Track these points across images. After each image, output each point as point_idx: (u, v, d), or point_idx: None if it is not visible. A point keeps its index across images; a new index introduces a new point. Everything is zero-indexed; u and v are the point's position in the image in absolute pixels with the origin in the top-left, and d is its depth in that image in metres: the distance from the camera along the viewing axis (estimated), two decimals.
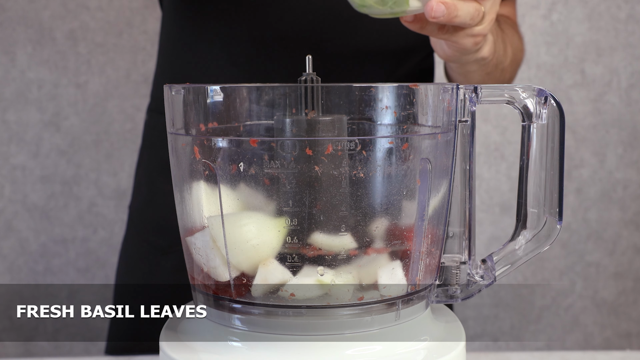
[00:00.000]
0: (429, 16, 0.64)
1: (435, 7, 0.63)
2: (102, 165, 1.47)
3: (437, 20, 0.64)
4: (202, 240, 0.55)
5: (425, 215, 0.55)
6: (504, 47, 0.87)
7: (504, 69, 0.89)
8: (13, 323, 1.51)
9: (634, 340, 1.67)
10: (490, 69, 0.84)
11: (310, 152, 0.50)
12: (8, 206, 1.47)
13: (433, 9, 0.63)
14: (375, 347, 0.53)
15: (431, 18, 0.64)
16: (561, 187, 0.58)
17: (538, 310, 1.64)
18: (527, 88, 0.58)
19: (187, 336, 0.56)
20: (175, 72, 0.95)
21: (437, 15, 0.64)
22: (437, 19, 0.64)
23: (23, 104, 1.44)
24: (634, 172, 1.60)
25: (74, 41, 1.44)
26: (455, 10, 0.64)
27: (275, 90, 0.52)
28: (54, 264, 1.49)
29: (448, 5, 0.64)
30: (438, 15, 0.64)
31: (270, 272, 0.52)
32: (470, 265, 0.60)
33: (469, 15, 0.66)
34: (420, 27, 0.69)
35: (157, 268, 0.95)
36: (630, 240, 1.62)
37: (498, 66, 0.86)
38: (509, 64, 0.91)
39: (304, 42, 0.87)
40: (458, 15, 0.65)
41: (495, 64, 0.85)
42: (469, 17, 0.66)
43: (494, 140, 1.57)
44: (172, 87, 0.55)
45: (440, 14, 0.64)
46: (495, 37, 0.82)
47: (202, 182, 0.54)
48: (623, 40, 1.55)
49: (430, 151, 0.54)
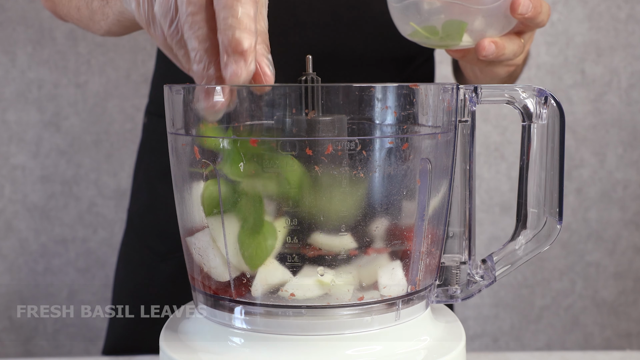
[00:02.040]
0: (480, 54, 0.67)
1: (487, 47, 0.67)
2: (102, 165, 1.47)
3: (486, 58, 0.68)
4: (202, 240, 0.55)
5: (425, 215, 0.55)
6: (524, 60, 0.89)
7: (516, 76, 0.91)
8: (13, 323, 1.51)
9: (634, 340, 1.67)
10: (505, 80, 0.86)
11: (310, 152, 0.50)
12: (8, 206, 1.47)
13: (485, 49, 0.67)
14: (375, 347, 0.53)
15: (481, 56, 0.67)
16: (561, 187, 0.58)
17: (538, 310, 1.64)
18: (527, 88, 0.58)
19: (187, 336, 0.56)
20: (174, 73, 0.94)
21: (487, 54, 0.67)
22: (487, 58, 0.67)
23: (23, 104, 1.44)
24: (634, 172, 1.60)
25: (74, 41, 1.44)
26: (503, 49, 0.68)
27: (275, 90, 0.52)
28: (54, 264, 1.49)
29: (498, 45, 0.67)
30: (489, 54, 0.67)
31: (270, 272, 0.52)
32: (470, 265, 0.60)
33: (513, 52, 0.70)
34: (462, 56, 0.73)
35: (156, 273, 0.95)
36: (630, 240, 1.62)
37: (512, 75, 0.88)
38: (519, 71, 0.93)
39: (305, 45, 0.87)
40: (505, 54, 0.69)
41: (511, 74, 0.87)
42: (513, 54, 0.70)
43: (494, 140, 1.57)
44: (172, 87, 0.55)
45: (491, 53, 0.67)
46: None
47: (202, 182, 0.54)
48: (623, 40, 1.55)
49: (430, 151, 0.54)
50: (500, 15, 0.67)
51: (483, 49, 0.67)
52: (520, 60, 0.75)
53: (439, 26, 0.68)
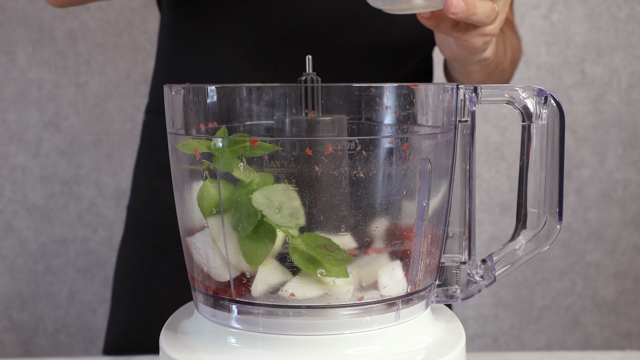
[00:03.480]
0: (449, 12, 0.65)
1: (455, 4, 0.65)
2: (102, 165, 1.47)
3: (456, 16, 0.65)
4: (202, 240, 0.55)
5: (425, 215, 0.55)
6: (504, 48, 0.88)
7: (503, 69, 0.90)
8: (13, 323, 1.51)
9: (634, 340, 1.67)
10: (491, 70, 0.85)
11: (310, 152, 0.50)
12: (8, 206, 1.47)
13: (453, 5, 0.65)
14: (375, 347, 0.53)
15: (451, 14, 0.65)
16: (561, 187, 0.58)
17: (538, 310, 1.64)
18: (527, 88, 0.58)
19: (187, 336, 0.56)
20: (174, 72, 0.95)
21: (456, 11, 0.65)
22: (456, 15, 0.65)
23: (23, 104, 1.44)
24: (634, 172, 1.60)
25: (74, 41, 1.44)
26: (473, 7, 0.66)
27: (275, 90, 0.52)
28: (54, 264, 1.49)
29: (467, 3, 0.65)
30: (458, 12, 0.65)
31: (270, 272, 0.52)
32: (470, 265, 0.60)
33: (485, 14, 0.68)
34: (435, 24, 0.71)
35: (157, 269, 0.95)
36: (630, 240, 1.62)
37: (498, 67, 0.87)
38: (508, 65, 0.91)
39: (304, 41, 0.87)
40: (476, 13, 0.66)
41: (496, 64, 0.85)
42: (485, 15, 0.68)
43: (494, 140, 1.57)
44: (172, 87, 0.55)
45: (460, 11, 0.65)
46: (497, 38, 0.82)
47: (202, 182, 0.54)
48: (623, 40, 1.55)
49: (430, 151, 0.54)
50: None
51: (451, 5, 0.65)
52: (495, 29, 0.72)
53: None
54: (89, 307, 1.51)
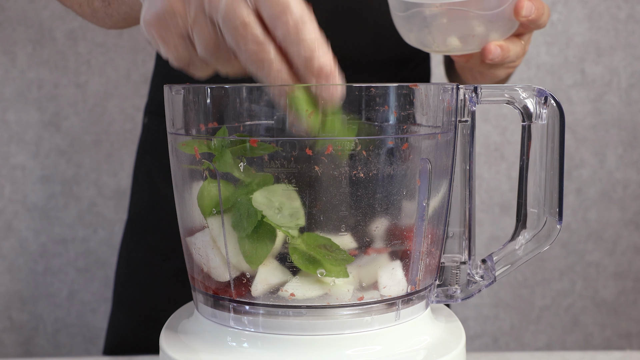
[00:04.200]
0: (486, 58, 0.69)
1: (493, 51, 0.68)
2: (102, 165, 1.47)
3: (492, 62, 0.69)
4: (202, 240, 0.55)
5: (425, 215, 0.55)
6: None
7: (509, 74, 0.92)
8: (13, 323, 1.51)
9: (634, 340, 1.67)
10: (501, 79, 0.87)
11: (310, 152, 0.50)
12: (8, 206, 1.47)
13: (491, 52, 0.68)
14: (375, 347, 0.53)
15: (488, 60, 0.69)
16: (561, 187, 0.58)
17: (538, 310, 1.64)
18: (527, 88, 0.58)
19: (187, 336, 0.56)
20: (174, 73, 0.94)
21: (493, 57, 0.69)
22: (493, 61, 0.69)
23: (23, 104, 1.44)
24: (634, 172, 1.60)
25: (74, 41, 1.44)
26: (507, 52, 0.69)
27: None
28: (54, 264, 1.49)
29: (503, 48, 0.69)
30: (494, 58, 0.69)
31: (270, 272, 0.52)
32: (470, 265, 0.60)
33: (516, 54, 0.71)
34: (465, 60, 0.74)
35: (158, 273, 0.95)
36: (630, 240, 1.62)
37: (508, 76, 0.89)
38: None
39: None
40: (509, 56, 0.70)
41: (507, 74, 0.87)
42: (516, 56, 0.71)
43: (494, 140, 1.57)
44: (172, 87, 0.55)
45: (497, 56, 0.69)
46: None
47: (202, 182, 0.54)
48: (623, 40, 1.55)
49: (430, 151, 0.54)
50: (504, 18, 0.67)
51: (489, 52, 0.68)
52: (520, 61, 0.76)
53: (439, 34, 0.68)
54: (89, 307, 1.51)
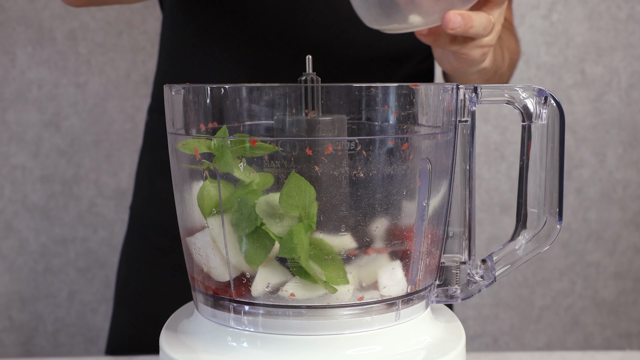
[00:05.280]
0: (447, 28, 0.66)
1: (452, 19, 0.66)
2: (102, 165, 1.47)
3: (454, 31, 0.66)
4: (202, 240, 0.55)
5: (425, 215, 0.55)
6: (501, 53, 0.88)
7: (502, 74, 0.90)
8: (13, 323, 1.51)
9: (634, 340, 1.67)
10: (489, 76, 0.85)
11: (310, 152, 0.50)
12: (8, 206, 1.47)
13: (451, 20, 0.66)
14: (375, 347, 0.53)
15: (449, 29, 0.66)
16: (561, 187, 0.58)
17: (538, 310, 1.64)
18: (527, 88, 0.58)
19: (187, 336, 0.56)
20: (176, 72, 0.95)
21: (454, 26, 0.66)
22: (455, 30, 0.66)
23: (23, 104, 1.44)
24: (634, 172, 1.60)
25: (74, 41, 1.44)
26: (470, 21, 0.67)
27: (275, 90, 0.52)
28: (54, 264, 1.49)
29: (464, 17, 0.66)
30: (455, 27, 0.66)
31: (270, 272, 0.52)
32: (470, 265, 0.60)
33: (482, 26, 0.69)
34: (433, 40, 0.72)
35: (159, 268, 0.95)
36: (630, 240, 1.62)
37: (497, 72, 0.87)
38: (506, 69, 0.92)
39: (305, 44, 0.87)
40: (473, 26, 0.67)
41: (495, 70, 0.86)
42: (482, 28, 0.69)
43: (494, 140, 1.57)
44: (172, 87, 0.55)
45: (458, 25, 0.66)
46: (495, 45, 0.83)
47: (202, 182, 0.54)
48: (623, 40, 1.55)
49: (430, 151, 0.54)
50: None
51: (449, 21, 0.66)
52: (493, 39, 0.73)
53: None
54: (89, 307, 1.51)
